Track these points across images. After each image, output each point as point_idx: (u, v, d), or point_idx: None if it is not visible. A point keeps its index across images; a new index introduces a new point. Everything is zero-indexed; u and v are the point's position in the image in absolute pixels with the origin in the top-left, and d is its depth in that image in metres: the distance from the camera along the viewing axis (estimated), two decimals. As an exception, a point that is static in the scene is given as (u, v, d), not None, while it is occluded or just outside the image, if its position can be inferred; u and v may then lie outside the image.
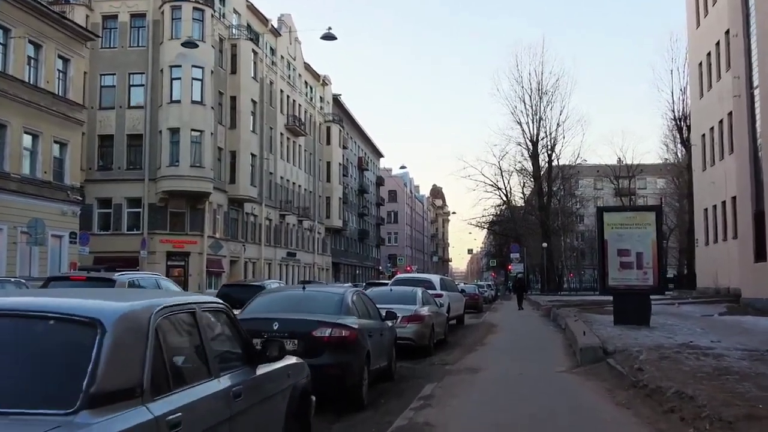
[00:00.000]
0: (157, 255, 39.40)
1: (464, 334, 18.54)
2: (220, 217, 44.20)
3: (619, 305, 15.94)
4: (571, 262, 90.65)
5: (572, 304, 30.26)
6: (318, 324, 8.05)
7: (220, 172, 44.32)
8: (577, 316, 18.82)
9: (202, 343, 3.90)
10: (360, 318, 9.00)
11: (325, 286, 11.16)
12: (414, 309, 13.76)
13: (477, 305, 35.00)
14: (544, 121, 63.78)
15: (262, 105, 50.98)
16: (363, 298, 9.93)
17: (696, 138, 44.84)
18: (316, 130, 66.41)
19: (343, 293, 9.12)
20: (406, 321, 13.40)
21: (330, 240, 71.04)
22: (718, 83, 38.48)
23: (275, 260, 54.03)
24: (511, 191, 69.46)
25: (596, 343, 10.89)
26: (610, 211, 16.29)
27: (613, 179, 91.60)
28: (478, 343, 15.45)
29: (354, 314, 8.84)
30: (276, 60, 55.20)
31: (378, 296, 14.62)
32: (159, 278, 13.55)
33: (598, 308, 25.51)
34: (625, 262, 15.83)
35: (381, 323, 10.09)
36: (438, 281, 20.47)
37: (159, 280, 13.39)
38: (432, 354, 13.84)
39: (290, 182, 58.23)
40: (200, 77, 40.05)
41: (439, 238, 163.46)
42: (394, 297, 14.41)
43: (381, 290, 15.75)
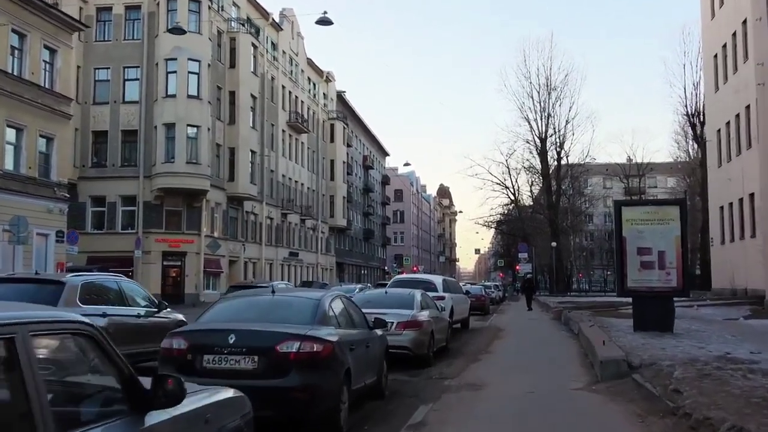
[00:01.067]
0: (152, 255, 38.10)
1: (468, 340, 17.05)
2: (219, 215, 42.85)
3: (640, 309, 14.43)
4: (580, 262, 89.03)
5: (583, 306, 28.73)
6: (284, 337, 6.60)
7: (219, 169, 42.97)
8: (591, 320, 17.30)
9: (24, 388, 2.44)
10: (340, 328, 7.54)
11: (300, 291, 9.56)
12: (411, 314, 12.30)
13: (483, 307, 33.45)
14: (553, 117, 62.17)
15: (263, 101, 49.60)
16: (346, 303, 8.44)
17: (711, 133, 43.25)
18: (319, 128, 65.01)
19: (320, 299, 7.65)
20: (402, 327, 11.95)
21: (334, 239, 69.63)
22: (735, 75, 37.05)
23: (277, 260, 52.65)
24: (518, 190, 67.89)
25: (619, 356, 9.39)
26: (629, 206, 14.79)
27: (622, 178, 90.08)
28: (482, 350, 13.97)
29: (331, 324, 7.38)
30: (277, 55, 53.83)
31: (371, 300, 13.22)
32: (121, 281, 11.78)
33: (612, 311, 24.01)
34: (645, 261, 14.32)
35: (368, 333, 8.64)
36: (440, 282, 18.97)
37: (121, 282, 11.65)
38: (431, 364, 12.38)
39: (292, 180, 56.84)
40: (197, 71, 38.72)
41: (446, 238, 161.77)
42: (390, 300, 12.96)
43: (375, 293, 14.30)
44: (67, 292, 9.64)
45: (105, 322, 9.57)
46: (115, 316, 10.11)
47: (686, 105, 56.07)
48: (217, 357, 6.49)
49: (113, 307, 10.48)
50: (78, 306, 9.52)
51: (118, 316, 10.18)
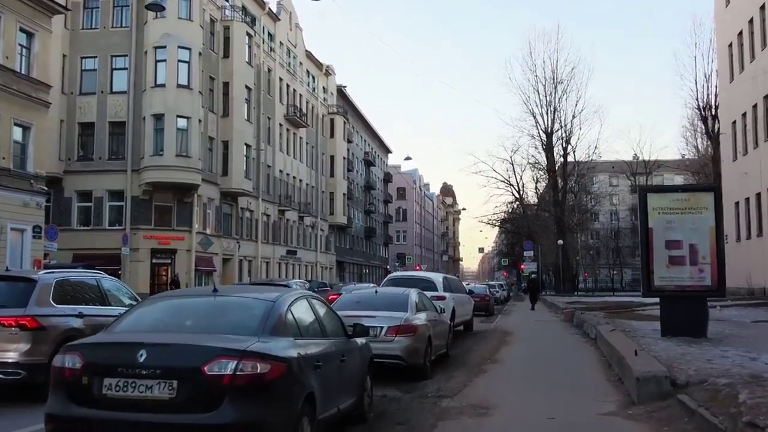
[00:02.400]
0: (140, 252, 36.39)
1: (471, 346, 15.20)
2: (212, 211, 41.06)
3: (668, 311, 12.55)
4: (586, 261, 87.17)
5: (595, 306, 26.87)
6: (215, 353, 4.74)
7: (212, 163, 41.21)
8: (609, 323, 15.46)
9: None
10: (302, 338, 5.71)
11: (251, 290, 7.48)
12: (404, 317, 10.46)
13: (488, 308, 31.66)
14: (559, 112, 60.33)
15: (259, 93, 47.82)
16: (313, 305, 6.57)
17: (725, 126, 41.45)
18: (318, 122, 63.18)
19: (275, 300, 5.77)
20: (393, 333, 10.14)
21: (334, 237, 67.80)
22: (752, 64, 35.33)
23: (274, 258, 50.86)
24: (523, 187, 66.16)
25: (659, 371, 7.52)
26: (656, 192, 12.89)
27: (629, 175, 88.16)
28: (488, 359, 12.13)
29: (289, 333, 5.52)
30: (274, 46, 52.03)
31: (357, 301, 11.41)
32: (101, 278, 10.71)
33: (628, 312, 22.18)
34: (675, 256, 12.45)
35: (343, 343, 6.81)
36: (440, 281, 17.10)
37: (101, 280, 10.60)
38: (428, 376, 10.57)
39: (290, 176, 55.03)
40: (187, 59, 36.94)
41: (449, 236, 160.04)
42: (380, 302, 11.13)
43: (363, 293, 12.45)
44: (39, 291, 8.92)
45: (81, 322, 9.03)
46: (93, 317, 9.28)
47: (697, 98, 54.26)
48: (121, 381, 4.66)
49: (91, 306, 9.72)
50: (51, 305, 8.93)
51: (96, 317, 9.29)
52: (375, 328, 10.16)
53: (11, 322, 8.33)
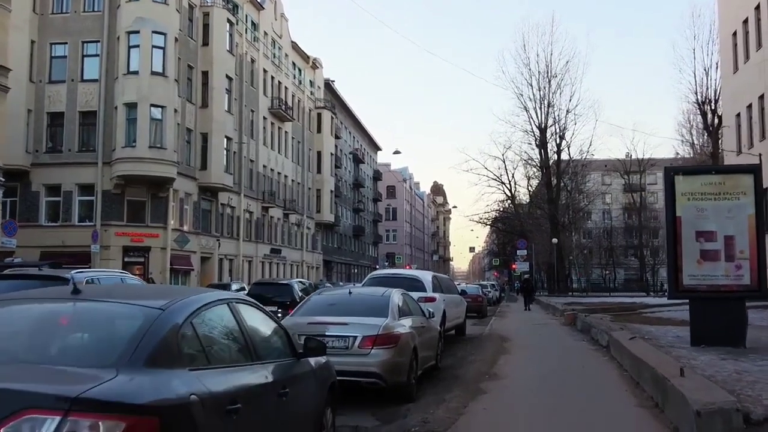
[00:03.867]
0: (111, 250, 34.21)
1: (465, 355, 13.17)
2: (189, 207, 38.87)
3: (700, 316, 10.52)
4: (579, 260, 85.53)
5: (596, 308, 24.92)
6: (19, 405, 2.60)
7: (189, 156, 39.05)
8: (624, 328, 13.49)
9: None
10: (204, 367, 3.61)
11: (136, 292, 5.21)
12: (383, 324, 8.38)
13: (480, 309, 29.69)
14: (553, 106, 58.46)
15: (241, 84, 45.68)
16: (239, 314, 4.26)
17: (728, 118, 39.62)
18: (305, 116, 61.04)
19: (166, 308, 3.55)
20: (370, 344, 8.10)
21: (321, 236, 65.65)
22: (758, 53, 33.56)
23: (257, 257, 48.71)
24: (515, 185, 64.40)
25: (725, 401, 5.47)
26: (685, 174, 10.88)
27: (622, 174, 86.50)
28: (486, 374, 10.07)
29: (177, 362, 3.32)
30: (258, 35, 49.86)
31: (327, 305, 9.35)
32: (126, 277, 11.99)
33: (635, 315, 20.29)
34: (708, 250, 10.47)
35: (287, 367, 4.73)
36: (429, 280, 15.00)
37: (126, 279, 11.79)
38: (413, 398, 8.55)
39: (275, 172, 52.86)
40: (162, 45, 34.76)
41: (440, 236, 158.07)
42: (354, 305, 9.07)
43: (335, 295, 10.33)
44: None
45: None
46: None
47: (696, 92, 52.41)
48: None
49: None
50: None
51: None
52: (346, 338, 8.15)
53: None
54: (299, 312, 9.00)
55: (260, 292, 18.93)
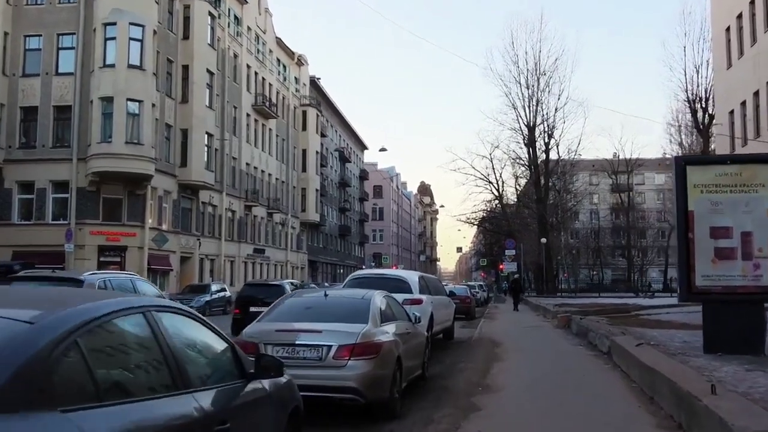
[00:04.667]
0: (86, 249, 33.01)
1: (455, 362, 12.12)
2: (168, 205, 37.65)
3: (714, 320, 9.52)
4: (567, 261, 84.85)
5: (590, 310, 23.98)
6: None
7: (169, 152, 37.86)
8: (626, 332, 12.50)
9: None
10: (93, 406, 2.52)
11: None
12: (361, 331, 7.29)
13: (469, 311, 28.68)
14: (542, 104, 57.59)
15: (223, 79, 44.49)
16: (160, 327, 3.09)
17: (721, 116, 38.84)
18: (289, 114, 59.85)
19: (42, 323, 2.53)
20: (346, 354, 7.01)
21: (306, 236, 64.45)
22: (753, 48, 32.85)
23: (239, 257, 47.51)
24: (503, 185, 63.48)
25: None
26: (698, 164, 9.88)
27: (610, 174, 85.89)
28: (478, 385, 9.03)
29: (47, 401, 2.36)
30: (241, 30, 48.65)
31: (298, 309, 8.29)
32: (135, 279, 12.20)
33: (632, 318, 19.30)
34: (723, 248, 9.49)
35: (229, 393, 3.65)
36: (415, 281, 13.89)
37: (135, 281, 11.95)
38: (396, 414, 7.50)
39: (258, 170, 51.66)
40: (139, 37, 33.56)
41: (427, 236, 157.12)
42: (329, 309, 7.98)
43: (308, 298, 9.14)
44: None
45: None
46: None
47: (687, 90, 51.67)
48: None
49: None
50: None
51: None
52: (319, 347, 7.07)
53: None
54: (267, 317, 7.91)
55: (251, 293, 18.04)
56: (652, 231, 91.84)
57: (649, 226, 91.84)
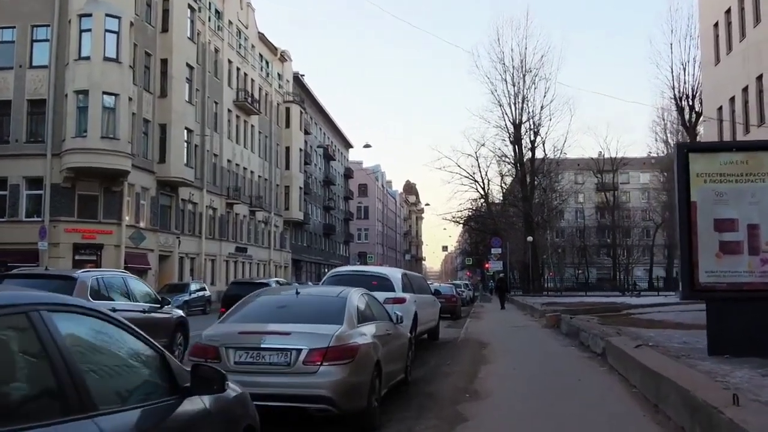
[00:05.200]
0: (61, 247, 32.01)
1: (439, 364, 11.37)
2: (146, 202, 36.69)
3: (719, 320, 8.83)
4: (552, 259, 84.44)
5: (578, 309, 23.34)
6: None
7: (147, 148, 36.91)
8: (621, 332, 11.81)
9: None
10: None
11: None
12: (335, 333, 6.48)
13: (455, 310, 28.00)
14: (528, 102, 57.09)
15: (204, 74, 43.54)
16: (49, 333, 2.49)
17: (709, 112, 38.37)
18: (272, 110, 58.89)
19: None
20: (318, 359, 6.23)
21: (290, 234, 63.54)
22: (742, 43, 32.39)
23: (221, 256, 46.57)
24: (489, 183, 62.95)
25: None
26: (702, 151, 9.18)
27: (595, 173, 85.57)
28: (465, 390, 8.28)
29: None
30: (222, 25, 47.68)
31: (266, 308, 7.52)
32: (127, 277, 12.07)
33: (623, 317, 18.66)
34: (728, 242, 8.81)
35: (151, 416, 2.89)
36: (399, 278, 13.05)
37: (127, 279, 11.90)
38: (374, 425, 6.73)
39: (240, 167, 50.72)
40: (116, 29, 32.61)
41: (412, 235, 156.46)
42: (301, 309, 7.18)
43: (278, 296, 8.24)
44: (79, 288, 9.84)
45: None
46: (123, 311, 9.77)
47: (673, 87, 51.28)
48: None
49: (122, 302, 10.70)
50: (90, 301, 9.25)
51: (125, 311, 9.96)
52: (288, 351, 6.29)
53: None
54: (231, 317, 7.12)
55: (238, 292, 17.29)
56: (638, 230, 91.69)
57: (634, 225, 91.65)
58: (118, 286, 11.16)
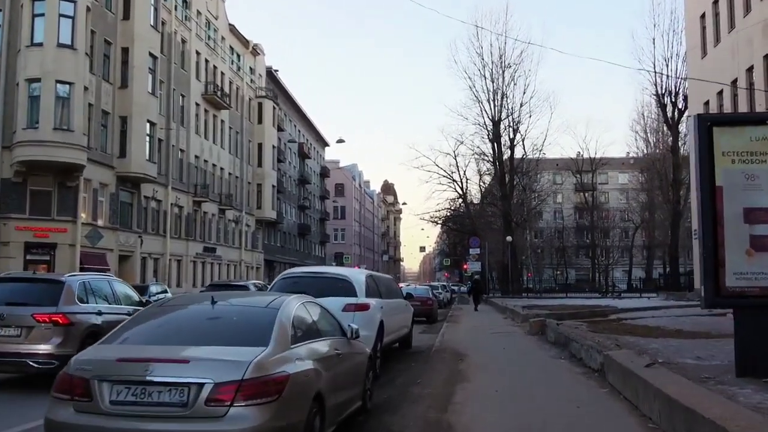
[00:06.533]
0: (11, 246, 30.06)
1: (408, 383, 9.57)
2: (105, 199, 34.59)
3: (751, 332, 7.13)
4: (531, 260, 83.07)
5: (562, 312, 21.75)
6: None
7: (106, 142, 34.84)
8: (619, 344, 10.12)
9: None
10: None
11: None
12: (253, 360, 4.64)
13: (431, 314, 26.29)
14: (507, 99, 55.61)
15: (169, 65, 41.49)
16: None
17: (695, 107, 37.04)
18: (244, 106, 56.81)
19: None
20: (227, 397, 4.43)
21: (262, 234, 61.47)
22: (731, 35, 31.12)
23: (187, 256, 44.47)
24: (467, 182, 61.43)
25: None
26: (729, 125, 7.49)
27: (574, 172, 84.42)
28: (437, 423, 6.56)
29: None
30: (190, 14, 45.59)
31: (166, 325, 5.67)
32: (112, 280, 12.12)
33: (613, 323, 17.01)
34: (762, 236, 7.13)
35: None
36: (361, 281, 10.96)
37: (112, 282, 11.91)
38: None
39: (209, 163, 48.64)
40: (71, 13, 30.63)
41: (390, 236, 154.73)
42: (212, 326, 5.28)
43: (184, 307, 6.25)
44: (66, 291, 9.87)
45: (101, 319, 10.08)
46: (109, 314, 10.31)
47: (656, 83, 50.05)
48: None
49: (107, 305, 10.81)
50: (77, 304, 9.94)
51: (112, 314, 10.30)
52: (183, 387, 4.48)
53: (45, 319, 9.35)
54: (115, 337, 5.26)
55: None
56: (617, 231, 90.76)
57: (614, 226, 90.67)
58: (103, 289, 11.17)
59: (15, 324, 9.30)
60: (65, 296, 9.72)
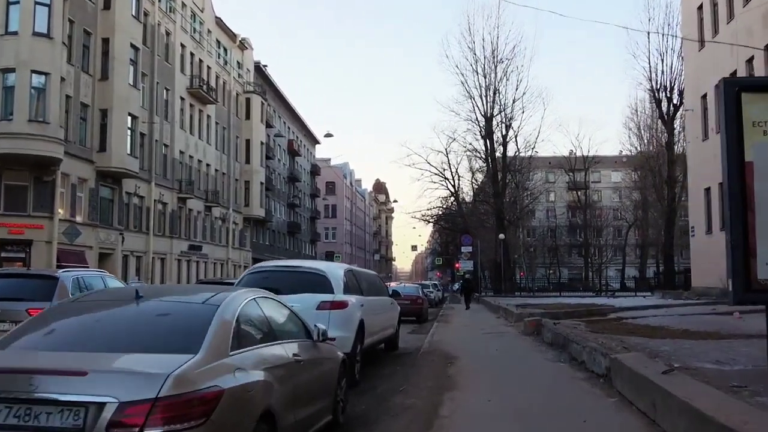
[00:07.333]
0: (-16, 244, 28.67)
1: (389, 392, 8.52)
2: (84, 194, 33.42)
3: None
4: (524, 259, 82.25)
5: (558, 311, 20.75)
6: None
7: (85, 135, 33.71)
8: (626, 345, 9.09)
9: None
10: None
11: None
12: (173, 371, 3.59)
13: (420, 313, 25.30)
14: (500, 95, 54.61)
15: (152, 57, 40.32)
16: None
17: (692, 101, 36.18)
18: (231, 101, 55.62)
19: None
20: (137, 421, 3.38)
21: (250, 232, 60.28)
22: (729, 25, 30.35)
23: (172, 254, 43.31)
24: (459, 180, 60.56)
25: None
26: (759, 91, 6.48)
27: (567, 171, 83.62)
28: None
29: None
30: (174, 6, 44.40)
31: (71, 326, 4.56)
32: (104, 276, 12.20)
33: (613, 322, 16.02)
34: (798, 222, 6.10)
35: None
36: (339, 276, 9.86)
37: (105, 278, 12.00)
38: None
39: (194, 159, 47.47)
40: (47, 1, 29.40)
41: (381, 235, 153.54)
42: (131, 328, 4.25)
43: (102, 306, 5.08)
44: (60, 287, 9.94)
45: None
46: None
47: (651, 78, 49.10)
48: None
49: None
50: None
51: None
52: (78, 407, 3.42)
53: None
54: (7, 341, 4.17)
55: None
56: (610, 229, 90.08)
57: (606, 225, 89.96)
58: (96, 285, 11.03)
59: (9, 319, 9.22)
60: (59, 292, 9.81)
